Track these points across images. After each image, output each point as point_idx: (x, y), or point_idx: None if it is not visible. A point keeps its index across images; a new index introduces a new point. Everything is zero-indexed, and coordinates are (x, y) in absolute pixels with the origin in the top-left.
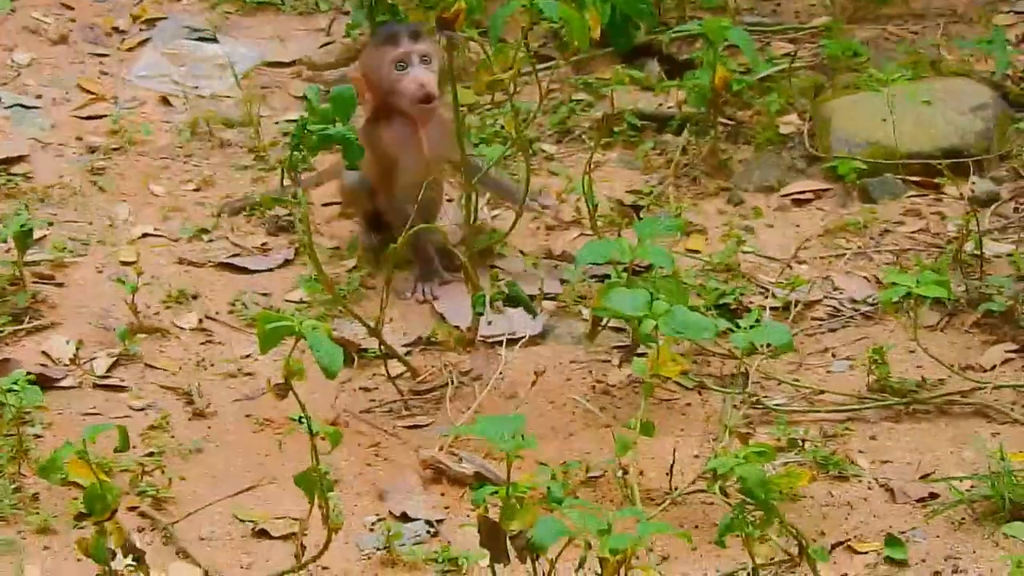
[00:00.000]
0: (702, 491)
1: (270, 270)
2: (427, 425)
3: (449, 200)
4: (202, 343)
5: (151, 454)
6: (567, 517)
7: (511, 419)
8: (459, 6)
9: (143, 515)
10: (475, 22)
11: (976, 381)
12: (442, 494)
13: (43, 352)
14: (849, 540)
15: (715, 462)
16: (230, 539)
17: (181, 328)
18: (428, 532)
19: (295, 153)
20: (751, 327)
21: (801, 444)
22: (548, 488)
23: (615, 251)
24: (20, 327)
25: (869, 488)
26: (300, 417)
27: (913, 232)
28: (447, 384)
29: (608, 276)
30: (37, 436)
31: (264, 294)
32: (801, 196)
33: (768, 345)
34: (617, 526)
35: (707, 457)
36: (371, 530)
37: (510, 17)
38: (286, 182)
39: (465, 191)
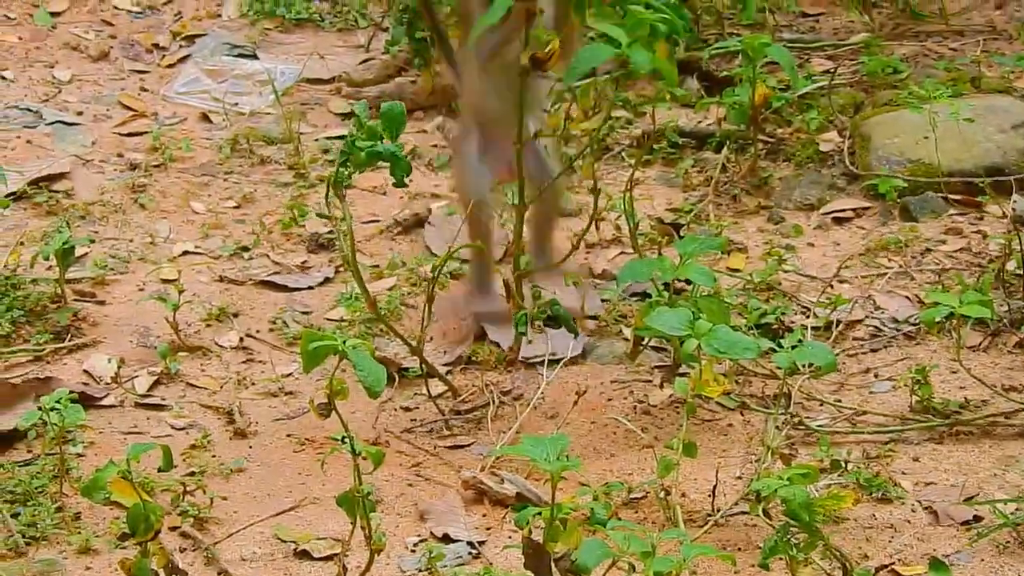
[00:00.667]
0: (745, 513)
1: (310, 288)
2: (468, 445)
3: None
4: (243, 361)
5: (192, 473)
6: (610, 539)
7: (555, 439)
8: (553, 47)
9: (185, 535)
10: None
11: (1020, 402)
12: (484, 515)
13: (84, 370)
14: (893, 563)
15: (758, 483)
16: (272, 559)
17: (222, 347)
18: (470, 553)
19: (342, 169)
20: (793, 347)
21: (844, 465)
22: (591, 509)
23: (656, 270)
24: (62, 345)
25: (912, 510)
26: (343, 437)
27: (955, 251)
28: (488, 404)
29: (648, 295)
30: (79, 455)
31: (305, 312)
32: (842, 214)
33: (810, 365)
34: (660, 548)
35: (749, 478)
36: (413, 551)
37: None
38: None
39: (517, 213)
